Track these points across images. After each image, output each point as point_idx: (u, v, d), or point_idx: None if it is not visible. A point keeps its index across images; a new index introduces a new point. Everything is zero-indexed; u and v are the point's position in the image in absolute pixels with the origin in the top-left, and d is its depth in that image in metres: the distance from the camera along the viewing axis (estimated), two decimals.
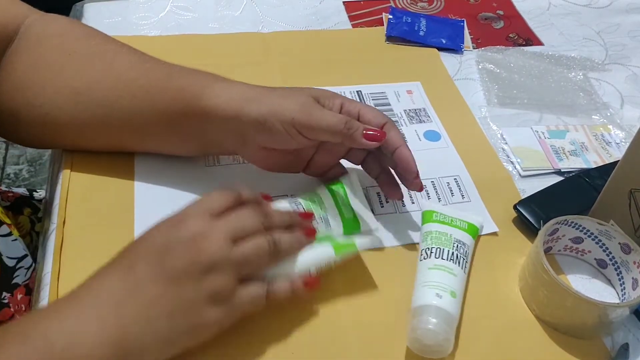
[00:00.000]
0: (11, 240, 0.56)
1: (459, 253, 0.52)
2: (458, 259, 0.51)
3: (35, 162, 1.71)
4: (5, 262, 0.55)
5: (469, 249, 0.53)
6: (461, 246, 0.52)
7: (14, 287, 0.55)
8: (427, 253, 0.52)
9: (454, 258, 0.51)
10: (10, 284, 0.55)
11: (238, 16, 0.82)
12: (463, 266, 0.51)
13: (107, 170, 0.58)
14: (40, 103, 0.54)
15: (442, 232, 0.53)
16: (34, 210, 0.70)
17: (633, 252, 0.51)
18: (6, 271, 0.55)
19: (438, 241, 0.52)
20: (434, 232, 0.53)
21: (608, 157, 0.66)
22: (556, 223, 0.52)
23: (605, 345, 0.50)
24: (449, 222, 0.54)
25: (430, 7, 0.88)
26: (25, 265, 0.57)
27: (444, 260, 0.50)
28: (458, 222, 0.54)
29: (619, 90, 0.77)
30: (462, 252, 0.52)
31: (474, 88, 0.75)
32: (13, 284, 0.55)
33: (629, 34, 0.86)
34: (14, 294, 0.55)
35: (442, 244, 0.52)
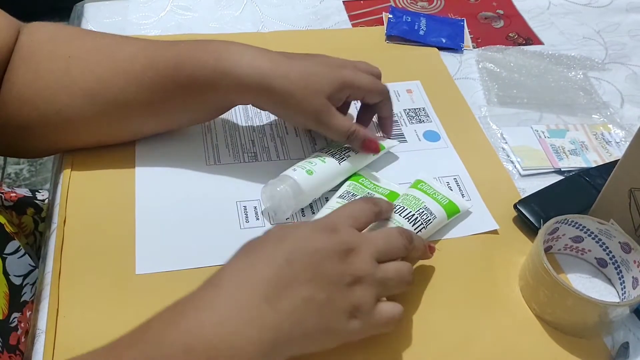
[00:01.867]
0: (17, 258, 0.55)
1: (419, 216, 0.53)
2: (414, 220, 0.52)
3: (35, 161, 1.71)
4: (14, 282, 0.54)
5: (435, 220, 0.54)
6: (426, 213, 0.53)
7: (23, 305, 0.55)
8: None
9: (409, 217, 0.52)
10: (20, 303, 0.55)
11: (238, 16, 0.82)
12: (416, 228, 0.52)
13: (108, 169, 0.58)
14: (56, 110, 0.54)
15: (417, 197, 0.54)
16: (37, 210, 0.70)
17: (633, 251, 0.51)
18: (14, 290, 0.54)
19: (406, 202, 0.54)
20: (410, 196, 0.55)
21: (608, 156, 0.66)
22: (556, 222, 0.52)
23: (606, 344, 0.50)
24: (430, 194, 0.55)
25: (430, 7, 0.88)
26: (30, 281, 0.56)
27: (397, 215, 0.52)
28: (440, 197, 0.55)
29: (619, 89, 0.77)
30: (423, 217, 0.53)
31: (474, 87, 0.75)
32: (22, 302, 0.55)
33: (629, 33, 0.86)
34: (24, 312, 0.55)
35: (408, 205, 0.53)
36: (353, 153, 0.58)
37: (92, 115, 0.55)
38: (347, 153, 0.58)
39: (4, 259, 0.53)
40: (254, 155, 0.62)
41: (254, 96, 0.55)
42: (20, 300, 0.55)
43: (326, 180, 0.56)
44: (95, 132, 0.57)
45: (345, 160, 0.57)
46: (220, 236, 0.54)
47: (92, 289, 0.49)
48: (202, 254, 0.52)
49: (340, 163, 0.57)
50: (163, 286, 0.50)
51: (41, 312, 0.48)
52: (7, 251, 0.54)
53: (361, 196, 0.56)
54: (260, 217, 0.56)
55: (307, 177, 0.54)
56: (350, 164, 0.58)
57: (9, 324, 0.53)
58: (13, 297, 0.54)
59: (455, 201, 0.56)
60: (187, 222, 0.55)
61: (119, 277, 0.50)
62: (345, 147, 0.59)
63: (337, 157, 0.57)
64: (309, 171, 0.55)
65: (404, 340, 0.48)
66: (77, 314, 0.48)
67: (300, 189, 0.54)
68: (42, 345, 0.46)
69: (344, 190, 0.57)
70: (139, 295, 0.49)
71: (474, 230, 0.57)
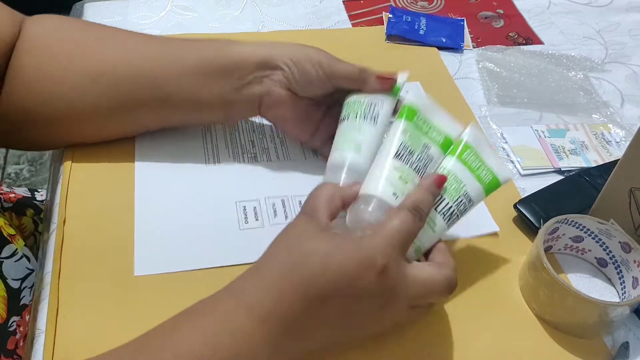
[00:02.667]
0: (14, 261, 0.55)
1: (456, 208, 0.48)
2: (449, 214, 0.48)
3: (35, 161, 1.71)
4: (12, 285, 0.54)
5: (471, 207, 0.49)
6: (464, 202, 0.49)
7: (22, 308, 0.55)
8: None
9: (444, 211, 0.48)
10: (19, 306, 0.55)
11: (238, 16, 0.82)
12: (450, 222, 0.48)
13: (107, 170, 0.58)
14: (62, 93, 0.53)
15: (459, 178, 0.49)
16: (37, 211, 0.70)
17: (633, 250, 0.51)
18: (13, 294, 0.54)
19: (446, 188, 0.48)
20: (452, 175, 0.49)
21: (608, 155, 0.66)
22: (556, 222, 0.52)
23: (606, 344, 0.50)
24: (474, 168, 0.49)
25: (430, 6, 0.88)
26: (29, 284, 0.56)
27: (432, 210, 0.47)
28: (483, 173, 0.50)
29: (619, 89, 0.77)
30: (460, 208, 0.49)
31: (474, 87, 0.75)
32: (21, 305, 0.55)
33: (629, 32, 0.86)
34: (23, 316, 0.55)
35: (448, 194, 0.48)
36: None
37: (101, 95, 0.54)
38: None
39: (0, 262, 0.53)
40: (253, 156, 0.62)
41: (261, 74, 0.55)
42: (19, 304, 0.55)
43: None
44: (99, 121, 0.56)
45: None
46: (220, 237, 0.54)
47: (92, 290, 0.49)
48: (201, 255, 0.52)
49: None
50: (162, 287, 0.50)
51: (41, 313, 0.48)
52: (4, 255, 0.54)
53: (421, 161, 0.48)
54: (260, 218, 0.56)
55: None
56: None
57: (8, 328, 0.53)
58: (12, 301, 0.54)
59: (499, 174, 0.50)
60: (186, 223, 0.55)
61: (118, 278, 0.50)
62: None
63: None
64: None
65: (404, 340, 0.48)
66: (77, 314, 0.48)
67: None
68: (42, 345, 0.46)
69: (400, 145, 0.48)
70: (138, 297, 0.49)
71: (474, 232, 0.57)
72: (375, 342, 0.48)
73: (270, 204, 0.57)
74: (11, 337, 0.53)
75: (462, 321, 0.50)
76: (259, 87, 0.55)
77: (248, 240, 0.54)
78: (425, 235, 0.47)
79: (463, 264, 0.54)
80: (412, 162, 0.48)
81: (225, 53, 0.55)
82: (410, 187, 0.47)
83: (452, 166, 0.49)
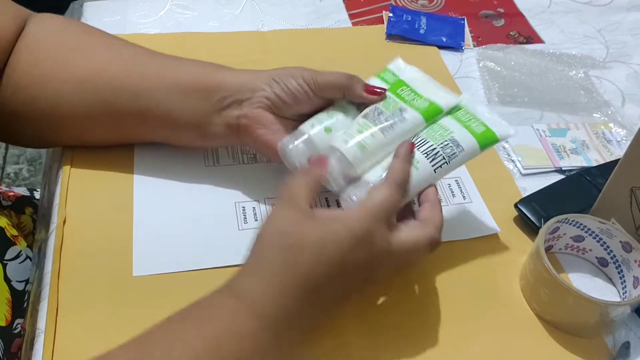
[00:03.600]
0: (19, 263, 0.55)
1: (441, 150, 0.49)
2: (433, 155, 0.48)
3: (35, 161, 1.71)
4: (16, 287, 0.54)
5: (461, 154, 0.49)
6: (451, 146, 0.49)
7: (26, 311, 0.55)
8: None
9: (428, 151, 0.48)
10: (23, 308, 0.54)
11: (238, 14, 0.81)
12: (436, 164, 0.49)
13: (106, 170, 0.58)
14: (46, 96, 0.53)
15: (445, 127, 0.50)
16: (36, 209, 0.70)
17: (634, 250, 0.51)
18: (17, 296, 0.54)
19: (431, 133, 0.50)
20: (438, 125, 0.50)
21: (609, 155, 0.66)
22: (557, 221, 0.52)
23: (607, 343, 0.50)
24: (463, 121, 0.50)
25: (430, 5, 0.88)
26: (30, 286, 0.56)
27: (415, 150, 0.49)
28: (474, 125, 0.50)
29: (620, 88, 0.77)
30: (446, 152, 0.49)
31: (475, 86, 0.75)
32: (25, 307, 0.55)
33: (630, 31, 0.86)
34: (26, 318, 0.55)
35: (431, 136, 0.49)
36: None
37: (81, 105, 0.53)
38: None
39: (4, 265, 0.53)
40: (253, 157, 0.61)
41: (241, 96, 0.53)
42: (23, 306, 0.54)
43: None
44: (85, 126, 0.56)
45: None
46: (219, 237, 0.54)
47: (92, 290, 0.49)
48: (200, 255, 0.52)
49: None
50: (161, 288, 0.50)
51: (40, 313, 0.48)
52: (8, 257, 0.54)
53: (388, 121, 0.50)
54: (259, 218, 0.56)
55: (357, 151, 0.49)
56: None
57: (13, 330, 0.53)
58: (16, 303, 0.54)
59: (494, 127, 0.50)
60: (185, 223, 0.55)
61: (117, 278, 0.50)
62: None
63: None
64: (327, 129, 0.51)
65: (404, 340, 0.48)
66: (77, 314, 0.48)
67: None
68: (42, 345, 0.46)
69: (371, 108, 0.51)
70: (137, 297, 0.49)
71: (475, 233, 0.57)
72: (374, 341, 0.48)
73: (270, 204, 0.57)
74: (16, 339, 0.53)
75: (463, 321, 0.50)
76: (237, 111, 0.53)
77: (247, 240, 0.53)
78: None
79: (464, 264, 0.55)
80: (378, 121, 0.50)
81: (208, 75, 0.54)
82: (371, 139, 0.49)
83: (440, 120, 0.51)
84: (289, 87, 0.52)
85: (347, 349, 0.47)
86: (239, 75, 0.54)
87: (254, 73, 0.54)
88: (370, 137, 0.49)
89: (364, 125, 0.50)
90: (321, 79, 0.52)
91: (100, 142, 0.58)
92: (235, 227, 0.55)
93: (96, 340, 0.46)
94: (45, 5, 0.64)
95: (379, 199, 0.45)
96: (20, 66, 0.54)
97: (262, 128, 0.53)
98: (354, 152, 0.48)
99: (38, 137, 0.58)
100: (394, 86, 0.53)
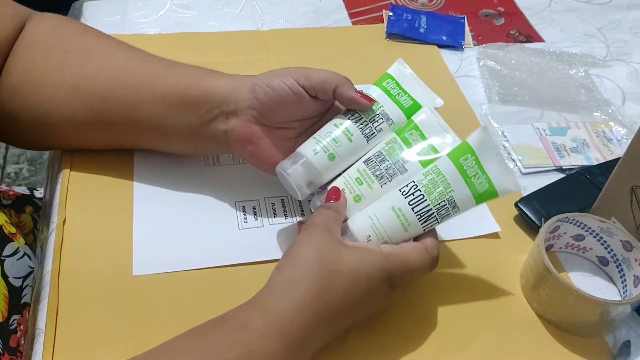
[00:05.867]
0: (16, 260, 0.55)
1: (436, 212, 0.47)
2: (427, 216, 0.47)
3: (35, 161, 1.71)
4: (13, 284, 0.54)
5: (456, 213, 0.48)
6: (447, 207, 0.47)
7: (23, 307, 0.55)
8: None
9: (422, 212, 0.47)
10: (20, 305, 0.55)
11: (238, 14, 0.81)
12: (365, 133, 0.50)
13: (107, 170, 0.58)
14: (40, 102, 0.53)
15: (448, 182, 0.47)
16: (36, 208, 0.70)
17: (635, 249, 0.51)
18: (14, 292, 0.54)
19: (429, 187, 0.47)
20: (442, 176, 0.47)
21: (609, 154, 0.66)
22: (557, 220, 0.52)
23: (607, 342, 0.50)
24: (469, 176, 0.47)
25: (430, 4, 0.88)
26: (30, 283, 0.56)
27: (409, 208, 0.47)
28: (479, 182, 0.47)
29: (621, 86, 0.76)
30: (441, 213, 0.47)
31: (475, 85, 0.75)
32: (22, 304, 0.55)
33: (630, 30, 0.86)
34: (23, 314, 0.55)
35: (429, 193, 0.47)
36: (386, 125, 0.51)
37: (74, 111, 0.53)
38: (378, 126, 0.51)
39: (2, 261, 0.53)
40: None
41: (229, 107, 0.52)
42: (20, 302, 0.55)
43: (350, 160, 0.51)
44: (78, 133, 0.56)
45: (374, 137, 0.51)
46: (219, 237, 0.54)
47: (92, 289, 0.49)
48: (200, 254, 0.52)
49: (368, 141, 0.51)
50: (161, 287, 0.50)
51: (40, 312, 0.48)
52: (6, 253, 0.54)
53: (393, 169, 0.49)
54: (259, 218, 0.56)
55: (328, 163, 0.50)
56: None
57: (9, 327, 0.53)
58: (13, 299, 0.54)
59: (499, 184, 0.47)
60: (185, 223, 0.55)
61: (117, 278, 0.50)
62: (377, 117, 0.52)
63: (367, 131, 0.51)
64: (330, 156, 0.50)
65: (405, 339, 0.48)
66: (77, 314, 0.48)
67: (317, 171, 0.50)
68: (42, 344, 0.46)
69: (375, 152, 0.50)
70: (137, 296, 0.49)
71: (475, 232, 0.57)
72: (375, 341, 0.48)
73: (270, 204, 0.57)
74: (12, 336, 0.53)
75: (463, 320, 0.50)
76: (223, 124, 0.52)
77: (247, 240, 0.54)
78: (397, 232, 0.47)
79: (464, 263, 0.55)
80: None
81: (196, 85, 0.52)
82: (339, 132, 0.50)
83: (444, 168, 0.48)
84: (273, 88, 0.50)
85: (347, 349, 0.47)
86: (224, 83, 0.52)
87: (240, 80, 0.52)
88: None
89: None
90: (315, 75, 0.50)
91: (96, 147, 0.58)
92: (235, 226, 0.55)
93: (96, 340, 0.46)
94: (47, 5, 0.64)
95: (412, 256, 0.46)
96: (17, 69, 0.54)
97: (250, 144, 0.52)
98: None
99: (36, 140, 0.58)
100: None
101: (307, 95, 0.50)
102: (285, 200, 0.57)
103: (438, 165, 0.48)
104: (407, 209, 0.47)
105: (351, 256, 0.44)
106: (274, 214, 0.56)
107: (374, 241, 0.47)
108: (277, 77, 0.50)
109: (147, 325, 0.47)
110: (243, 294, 0.44)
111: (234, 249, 0.53)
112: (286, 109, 0.51)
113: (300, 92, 0.50)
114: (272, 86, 0.50)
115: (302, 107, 0.51)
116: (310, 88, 0.50)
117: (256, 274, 0.51)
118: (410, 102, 0.52)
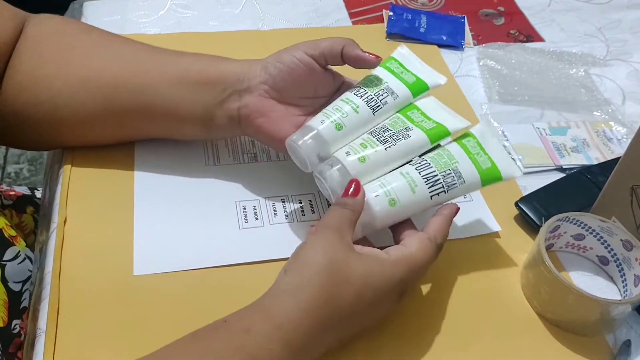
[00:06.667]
0: (17, 264, 0.55)
1: (442, 178, 0.48)
2: (433, 181, 0.48)
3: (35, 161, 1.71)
4: (12, 288, 0.54)
5: (461, 185, 0.49)
6: (452, 176, 0.49)
7: (23, 311, 0.55)
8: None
9: (428, 176, 0.48)
10: (19, 309, 0.54)
11: (238, 14, 0.81)
12: (371, 106, 0.51)
13: (107, 168, 0.58)
14: (49, 97, 0.53)
15: (452, 155, 0.50)
16: (37, 208, 0.70)
17: (635, 248, 0.51)
18: (14, 297, 0.54)
19: (436, 159, 0.49)
20: (447, 151, 0.50)
21: (610, 153, 0.66)
22: (558, 220, 0.52)
23: (608, 342, 0.50)
24: (472, 154, 0.50)
25: (430, 4, 0.88)
26: (30, 287, 0.56)
27: (416, 172, 0.48)
28: (482, 159, 0.50)
29: (621, 86, 0.77)
30: (447, 180, 0.49)
31: (475, 85, 0.75)
32: (22, 308, 0.55)
33: (630, 30, 0.86)
34: (24, 319, 0.54)
35: (435, 162, 0.49)
36: (391, 99, 0.52)
37: (84, 103, 0.53)
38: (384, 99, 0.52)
39: (3, 265, 0.53)
40: (253, 156, 0.61)
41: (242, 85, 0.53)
42: (20, 307, 0.55)
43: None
44: (88, 126, 0.56)
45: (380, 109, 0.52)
46: (219, 236, 0.54)
47: (92, 289, 0.49)
48: (201, 254, 0.52)
49: (374, 113, 0.52)
50: (161, 287, 0.50)
51: (41, 312, 0.48)
52: (7, 257, 0.54)
53: (398, 139, 0.50)
54: (260, 218, 0.56)
55: (335, 132, 0.51)
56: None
57: (12, 331, 0.53)
58: (12, 304, 0.54)
59: (501, 166, 0.50)
60: (185, 223, 0.54)
61: (118, 278, 0.50)
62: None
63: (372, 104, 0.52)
64: (338, 125, 0.50)
65: (405, 339, 0.48)
66: (77, 314, 0.48)
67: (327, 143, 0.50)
68: (43, 345, 0.46)
69: (379, 126, 0.52)
70: (138, 296, 0.49)
71: (476, 231, 0.57)
72: (375, 341, 0.48)
73: (270, 203, 0.57)
74: (15, 339, 0.53)
75: (464, 319, 0.50)
76: (237, 102, 0.53)
77: (248, 240, 0.54)
78: (404, 192, 0.48)
79: (464, 263, 0.55)
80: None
81: (209, 67, 0.54)
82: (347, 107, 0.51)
83: (448, 146, 0.51)
84: (283, 62, 0.52)
85: (347, 349, 0.47)
86: (237, 66, 0.54)
87: (252, 61, 0.54)
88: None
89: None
90: (322, 42, 0.52)
91: (103, 140, 0.58)
92: (236, 226, 0.55)
93: (97, 340, 0.46)
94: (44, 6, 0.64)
95: (419, 254, 0.46)
96: (23, 67, 0.54)
97: (262, 117, 0.53)
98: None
99: (39, 139, 0.58)
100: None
101: (317, 65, 0.52)
102: (286, 200, 0.57)
103: (441, 144, 0.51)
104: (414, 172, 0.49)
105: (360, 265, 0.43)
106: (274, 213, 0.56)
107: (381, 197, 0.47)
108: (287, 52, 0.53)
109: (148, 325, 0.47)
110: (243, 294, 0.44)
111: (235, 249, 0.53)
112: (298, 83, 0.53)
113: (310, 62, 0.52)
114: (282, 61, 0.52)
115: (313, 80, 0.53)
116: (320, 56, 0.52)
117: (256, 273, 0.51)
118: (414, 79, 0.54)
